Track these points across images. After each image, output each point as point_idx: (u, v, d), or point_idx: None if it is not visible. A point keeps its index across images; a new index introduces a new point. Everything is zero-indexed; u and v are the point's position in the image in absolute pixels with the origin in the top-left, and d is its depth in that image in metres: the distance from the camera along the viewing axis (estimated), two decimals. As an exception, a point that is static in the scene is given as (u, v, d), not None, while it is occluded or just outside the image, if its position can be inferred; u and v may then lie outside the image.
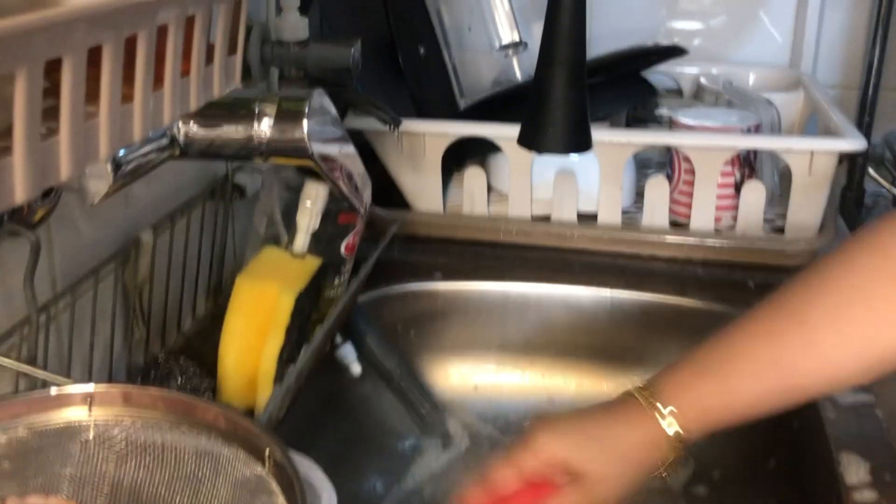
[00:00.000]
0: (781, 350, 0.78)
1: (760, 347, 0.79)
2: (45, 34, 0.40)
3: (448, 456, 1.15)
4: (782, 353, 0.78)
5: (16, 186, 0.42)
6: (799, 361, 0.78)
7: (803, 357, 0.78)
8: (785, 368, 0.79)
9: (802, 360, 0.78)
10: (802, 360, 0.78)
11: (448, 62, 1.38)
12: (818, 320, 0.78)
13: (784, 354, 0.78)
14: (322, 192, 0.92)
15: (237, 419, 0.67)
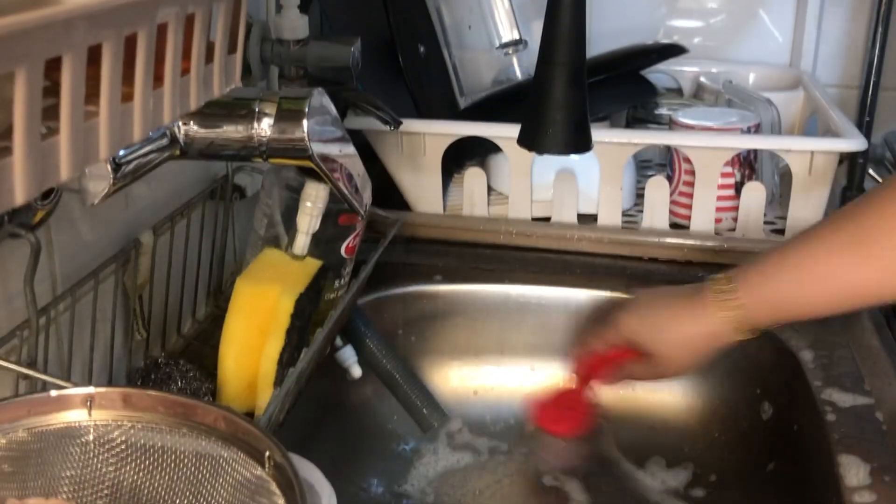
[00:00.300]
0: (840, 264, 0.89)
1: (823, 261, 0.90)
2: (44, 33, 0.40)
3: (448, 458, 1.14)
4: (841, 267, 0.89)
5: (16, 187, 0.41)
6: (857, 275, 0.88)
7: (861, 271, 0.88)
8: (845, 279, 0.89)
9: (860, 273, 0.88)
10: (860, 273, 0.88)
11: (448, 61, 1.38)
12: (874, 237, 0.87)
13: (843, 267, 0.89)
14: (322, 193, 0.91)
15: (237, 421, 0.66)
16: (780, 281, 0.92)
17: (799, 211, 1.23)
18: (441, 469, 1.13)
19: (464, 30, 1.41)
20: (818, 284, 0.90)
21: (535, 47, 0.84)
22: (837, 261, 0.89)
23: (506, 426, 1.19)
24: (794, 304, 0.93)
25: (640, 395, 1.18)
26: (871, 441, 0.91)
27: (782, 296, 0.92)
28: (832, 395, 0.98)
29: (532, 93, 0.84)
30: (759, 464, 1.08)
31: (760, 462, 1.08)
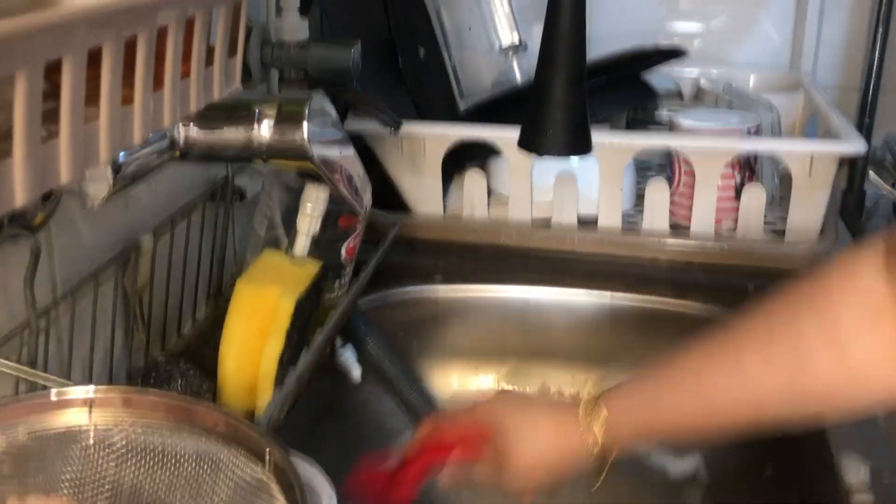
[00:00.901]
0: (710, 373, 0.81)
1: (690, 372, 0.82)
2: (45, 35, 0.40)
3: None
4: (710, 376, 0.81)
5: (16, 189, 0.42)
6: (725, 385, 0.80)
7: (729, 381, 0.80)
8: (711, 391, 0.81)
9: (728, 384, 0.80)
10: (728, 384, 0.80)
11: (448, 63, 1.38)
12: (747, 347, 0.79)
13: (712, 377, 0.81)
14: (322, 196, 0.91)
15: (237, 422, 0.67)
16: (642, 392, 0.86)
17: (799, 213, 1.23)
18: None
19: (464, 32, 1.42)
20: (678, 398, 0.83)
21: (536, 50, 0.84)
22: (707, 373, 0.82)
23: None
24: (654, 418, 0.85)
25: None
26: (870, 441, 0.91)
27: (643, 409, 0.85)
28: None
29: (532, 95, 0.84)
30: (759, 464, 1.08)
31: (760, 463, 1.08)
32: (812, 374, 0.76)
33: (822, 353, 0.75)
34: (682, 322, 1.17)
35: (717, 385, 0.81)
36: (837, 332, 0.75)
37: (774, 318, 0.79)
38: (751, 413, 0.82)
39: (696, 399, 0.82)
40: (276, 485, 0.64)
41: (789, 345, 0.77)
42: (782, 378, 0.77)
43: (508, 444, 0.89)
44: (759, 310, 0.81)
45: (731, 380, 0.80)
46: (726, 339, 0.81)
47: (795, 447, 1.02)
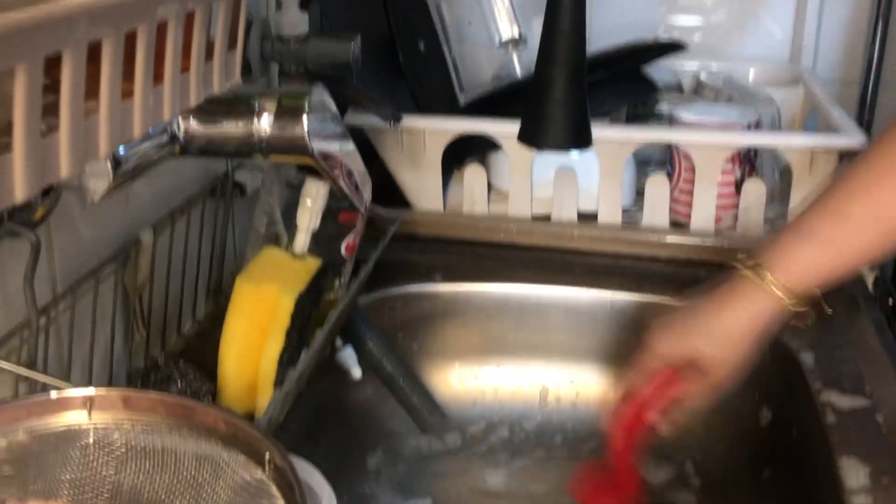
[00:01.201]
0: (878, 201, 0.88)
1: (858, 204, 0.89)
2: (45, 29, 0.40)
3: (448, 458, 1.14)
4: (879, 204, 0.88)
5: (16, 184, 0.41)
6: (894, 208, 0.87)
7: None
8: (883, 218, 0.88)
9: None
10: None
11: (448, 57, 1.38)
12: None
13: (881, 204, 0.87)
14: (322, 191, 0.91)
15: (237, 423, 0.66)
16: (814, 237, 0.91)
17: (799, 208, 1.22)
18: (441, 470, 1.13)
19: (464, 26, 1.41)
20: (857, 223, 0.89)
21: (536, 44, 0.83)
22: (868, 196, 0.88)
23: (506, 426, 1.18)
24: (838, 256, 0.91)
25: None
26: (870, 443, 0.91)
27: (822, 253, 0.91)
28: (832, 397, 0.98)
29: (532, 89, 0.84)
30: (759, 465, 1.07)
31: (760, 463, 1.07)
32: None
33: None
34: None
35: (890, 210, 0.87)
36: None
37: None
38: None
39: (871, 231, 0.88)
40: (275, 486, 0.63)
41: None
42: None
43: (699, 349, 0.93)
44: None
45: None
46: (882, 165, 0.88)
47: (795, 448, 1.02)
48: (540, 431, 1.18)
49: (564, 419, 1.18)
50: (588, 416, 1.16)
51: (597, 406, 1.18)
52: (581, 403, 1.18)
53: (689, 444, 1.13)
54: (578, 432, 1.17)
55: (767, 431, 1.08)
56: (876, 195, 0.88)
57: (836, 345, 1.07)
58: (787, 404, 1.06)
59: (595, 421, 1.16)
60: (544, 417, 1.19)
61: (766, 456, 1.07)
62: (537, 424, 1.18)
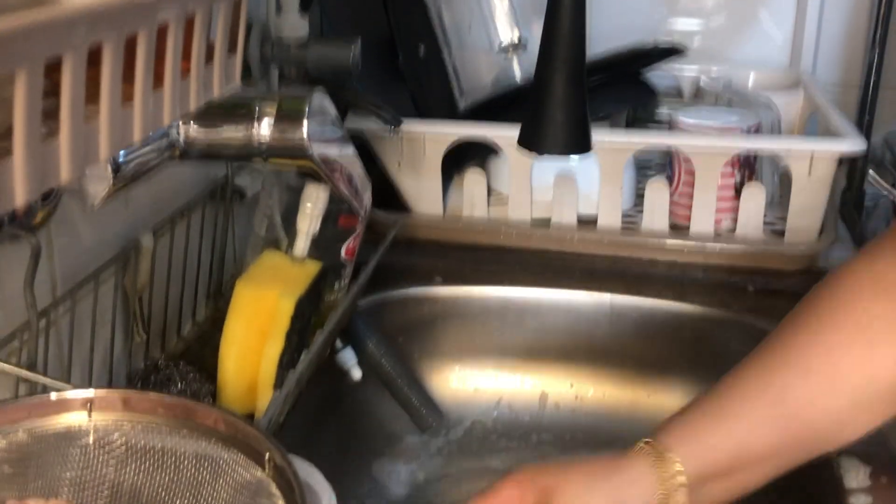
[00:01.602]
0: (779, 387, 0.77)
1: (758, 388, 0.78)
2: (45, 33, 0.40)
3: (447, 460, 1.14)
4: (779, 390, 0.77)
5: (16, 188, 0.41)
6: (796, 393, 0.77)
7: (800, 389, 0.77)
8: (783, 404, 0.77)
9: (799, 391, 0.77)
10: (799, 391, 0.77)
11: (448, 62, 1.38)
12: (811, 352, 0.77)
13: (781, 390, 0.77)
14: (322, 195, 0.91)
15: (237, 423, 0.66)
16: (716, 422, 0.78)
17: (799, 212, 1.22)
18: (440, 470, 1.13)
19: (464, 30, 1.41)
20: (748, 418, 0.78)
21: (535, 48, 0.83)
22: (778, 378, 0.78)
23: (505, 428, 1.19)
24: (732, 445, 0.78)
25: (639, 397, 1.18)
26: (870, 443, 0.91)
27: (716, 438, 0.78)
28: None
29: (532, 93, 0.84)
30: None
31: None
32: (877, 367, 0.76)
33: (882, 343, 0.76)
34: (681, 323, 1.17)
35: (786, 393, 0.77)
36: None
37: (837, 319, 0.78)
38: (826, 419, 0.78)
39: (770, 419, 0.77)
40: (275, 485, 0.63)
41: (854, 347, 0.76)
42: (850, 380, 0.76)
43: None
44: (811, 312, 0.79)
45: (800, 386, 0.77)
46: (781, 347, 0.79)
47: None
48: (539, 434, 1.18)
49: (563, 422, 1.18)
50: (587, 420, 1.17)
51: (596, 409, 1.18)
52: (580, 406, 1.18)
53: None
54: (577, 435, 1.17)
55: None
56: (773, 376, 0.78)
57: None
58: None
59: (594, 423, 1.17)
60: (543, 420, 1.19)
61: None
62: (536, 427, 1.18)
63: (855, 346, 0.76)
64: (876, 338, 0.75)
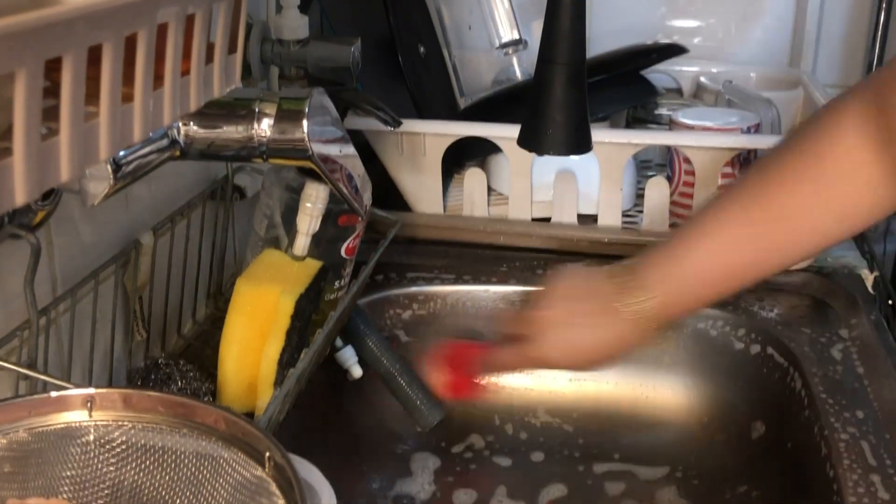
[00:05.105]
0: (753, 209, 0.84)
1: (732, 214, 0.85)
2: (45, 33, 0.40)
3: (447, 456, 1.14)
4: (754, 212, 0.84)
5: (16, 188, 0.41)
6: (781, 203, 0.83)
7: (786, 199, 0.83)
8: (769, 212, 0.83)
9: (785, 201, 0.83)
10: (785, 201, 0.83)
11: (448, 61, 1.38)
12: (800, 167, 0.82)
13: (756, 213, 0.83)
14: (322, 194, 0.91)
15: (237, 422, 0.66)
16: (697, 252, 0.86)
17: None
18: (441, 469, 1.13)
19: (464, 30, 1.42)
20: (738, 237, 0.85)
21: (536, 47, 0.84)
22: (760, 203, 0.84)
23: (506, 426, 1.19)
24: (718, 275, 0.86)
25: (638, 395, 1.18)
26: (870, 443, 0.91)
27: (703, 269, 0.86)
28: (831, 396, 0.98)
29: (532, 93, 0.84)
30: (757, 464, 1.08)
31: (758, 462, 1.08)
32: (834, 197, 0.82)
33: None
34: (681, 321, 1.17)
35: (763, 217, 0.83)
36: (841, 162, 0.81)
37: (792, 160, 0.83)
38: (799, 236, 0.84)
39: (747, 239, 0.84)
40: (275, 484, 0.64)
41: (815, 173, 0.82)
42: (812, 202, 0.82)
43: (565, 363, 0.95)
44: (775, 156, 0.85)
45: (773, 208, 0.83)
46: (761, 180, 0.84)
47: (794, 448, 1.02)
48: (540, 431, 1.18)
49: (564, 419, 1.19)
50: (587, 417, 1.17)
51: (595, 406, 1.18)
52: (580, 405, 1.18)
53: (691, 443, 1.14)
54: (578, 432, 1.17)
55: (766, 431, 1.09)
56: (748, 202, 0.85)
57: (834, 343, 1.07)
58: (785, 403, 1.06)
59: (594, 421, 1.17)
60: (544, 417, 1.19)
61: (764, 456, 1.07)
62: (537, 424, 1.19)
63: (840, 163, 0.81)
64: (863, 157, 0.80)
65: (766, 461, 1.06)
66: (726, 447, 1.12)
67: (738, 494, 1.06)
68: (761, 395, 1.09)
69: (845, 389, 0.99)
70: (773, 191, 0.83)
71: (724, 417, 1.13)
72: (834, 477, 0.88)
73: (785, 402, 1.06)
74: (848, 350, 1.06)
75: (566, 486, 1.10)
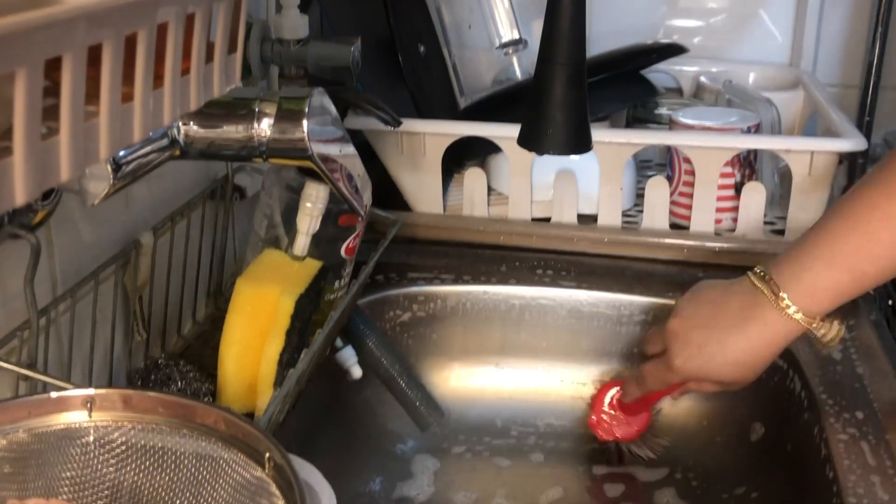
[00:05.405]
0: (881, 217, 0.87)
1: (881, 223, 0.87)
2: (45, 33, 0.40)
3: (447, 459, 1.14)
4: (883, 219, 0.86)
5: (16, 187, 0.41)
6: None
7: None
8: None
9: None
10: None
11: (448, 60, 1.38)
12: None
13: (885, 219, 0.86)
14: (322, 194, 0.91)
15: (237, 422, 0.66)
16: (834, 256, 0.89)
17: (799, 211, 1.23)
18: (441, 470, 1.13)
19: (464, 29, 1.41)
20: (880, 244, 0.87)
21: (536, 47, 0.84)
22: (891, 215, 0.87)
23: (505, 427, 1.19)
24: (861, 277, 0.89)
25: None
26: (870, 443, 0.91)
27: (843, 274, 0.89)
28: (831, 397, 0.98)
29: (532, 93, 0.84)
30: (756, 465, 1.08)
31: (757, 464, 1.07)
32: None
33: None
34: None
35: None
36: None
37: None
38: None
39: (881, 246, 0.87)
40: (275, 485, 0.64)
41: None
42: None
43: (717, 375, 0.96)
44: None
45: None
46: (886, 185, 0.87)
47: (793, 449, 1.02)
48: (540, 433, 1.18)
49: (564, 420, 1.19)
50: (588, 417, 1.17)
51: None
52: (581, 405, 1.18)
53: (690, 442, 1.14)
54: (578, 433, 1.17)
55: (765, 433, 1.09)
56: (876, 209, 0.87)
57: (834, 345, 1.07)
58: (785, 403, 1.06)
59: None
60: (544, 418, 1.19)
61: (763, 458, 1.07)
62: (537, 426, 1.18)
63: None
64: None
65: (765, 462, 1.06)
66: (725, 449, 1.12)
67: (737, 496, 1.06)
68: (760, 397, 1.09)
69: (845, 390, 0.99)
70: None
71: (723, 419, 1.13)
72: (834, 478, 0.88)
73: (784, 403, 1.05)
74: (848, 350, 1.06)
75: (565, 487, 1.10)
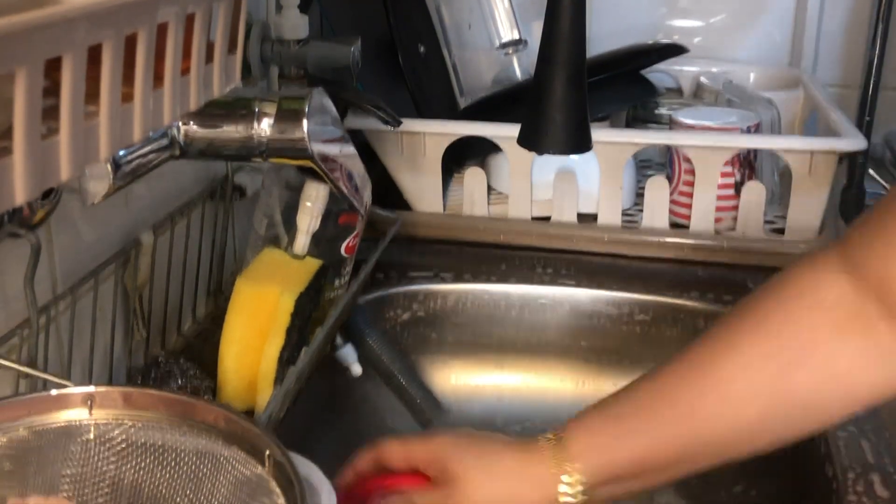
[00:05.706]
0: (688, 401, 0.77)
1: (670, 401, 0.78)
2: (45, 33, 0.40)
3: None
4: (688, 405, 0.77)
5: (16, 187, 0.41)
6: (706, 408, 0.76)
7: (710, 403, 0.76)
8: (692, 417, 0.77)
9: (709, 406, 0.76)
10: (709, 406, 0.76)
11: (448, 61, 1.38)
12: (727, 365, 0.76)
13: (690, 405, 0.77)
14: (322, 193, 0.91)
15: (237, 420, 0.67)
16: (612, 428, 0.79)
17: (799, 211, 1.23)
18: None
19: (464, 29, 1.42)
20: (655, 430, 0.78)
21: (536, 47, 0.84)
22: (684, 395, 0.77)
23: (505, 425, 1.19)
24: (630, 457, 0.78)
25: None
26: (870, 441, 0.91)
27: (616, 448, 0.79)
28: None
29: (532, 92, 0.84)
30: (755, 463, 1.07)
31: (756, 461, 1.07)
32: (795, 383, 0.74)
33: (802, 362, 0.73)
34: (681, 319, 1.17)
35: (695, 406, 0.76)
36: (814, 339, 0.73)
37: (747, 330, 0.76)
38: (734, 434, 0.77)
39: (672, 426, 0.77)
40: (275, 482, 0.64)
41: (768, 353, 0.75)
42: (764, 390, 0.75)
43: (459, 491, 0.79)
44: (728, 323, 0.78)
45: (710, 399, 0.76)
46: (698, 357, 0.78)
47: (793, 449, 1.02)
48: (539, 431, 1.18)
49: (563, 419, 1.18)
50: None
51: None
52: (580, 403, 1.18)
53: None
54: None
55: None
56: (681, 394, 0.77)
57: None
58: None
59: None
60: (544, 417, 1.19)
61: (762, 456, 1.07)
62: (536, 424, 1.19)
63: (770, 363, 0.74)
64: (794, 357, 0.74)
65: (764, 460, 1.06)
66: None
67: (735, 494, 1.06)
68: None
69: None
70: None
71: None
72: (833, 476, 0.88)
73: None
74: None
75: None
